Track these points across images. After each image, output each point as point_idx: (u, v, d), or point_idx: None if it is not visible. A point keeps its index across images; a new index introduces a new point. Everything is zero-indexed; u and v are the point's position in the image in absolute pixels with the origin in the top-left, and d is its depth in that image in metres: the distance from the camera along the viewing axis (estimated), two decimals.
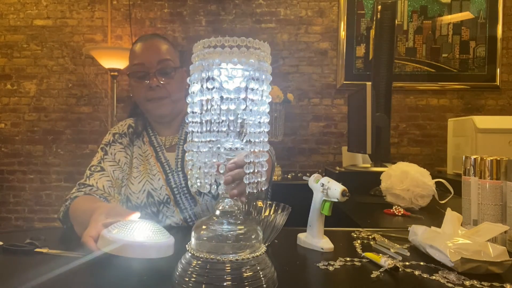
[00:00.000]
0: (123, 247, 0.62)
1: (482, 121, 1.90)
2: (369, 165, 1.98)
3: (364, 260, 0.73)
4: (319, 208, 0.80)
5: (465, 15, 3.06)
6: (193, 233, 0.62)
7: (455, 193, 1.28)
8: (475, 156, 0.89)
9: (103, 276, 0.65)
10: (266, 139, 0.61)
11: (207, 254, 0.59)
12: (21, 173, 3.23)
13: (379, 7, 1.94)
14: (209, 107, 0.59)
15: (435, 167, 2.63)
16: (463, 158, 0.92)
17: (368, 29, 3.09)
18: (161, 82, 1.11)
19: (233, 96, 0.59)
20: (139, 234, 0.64)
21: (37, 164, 3.22)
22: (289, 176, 2.68)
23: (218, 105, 0.59)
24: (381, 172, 1.43)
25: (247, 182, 0.59)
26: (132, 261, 0.64)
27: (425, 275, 0.66)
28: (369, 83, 1.89)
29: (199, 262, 0.60)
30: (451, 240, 0.71)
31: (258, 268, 0.61)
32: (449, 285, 0.61)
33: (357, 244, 0.84)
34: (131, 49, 1.17)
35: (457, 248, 0.68)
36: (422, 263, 0.72)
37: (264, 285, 0.60)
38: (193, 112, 0.60)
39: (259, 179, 0.60)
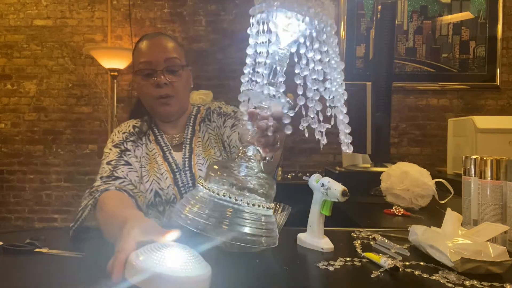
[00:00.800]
0: (150, 278, 0.50)
1: (482, 121, 1.90)
2: (369, 165, 1.98)
3: (364, 260, 0.73)
4: (319, 208, 0.80)
5: (465, 15, 3.06)
6: (208, 169, 0.64)
7: (455, 193, 1.28)
8: (475, 156, 0.89)
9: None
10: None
11: (216, 190, 0.60)
12: (21, 173, 3.23)
13: (379, 7, 1.94)
14: (259, 51, 0.61)
15: (435, 167, 2.63)
16: (463, 158, 0.92)
17: (368, 29, 3.09)
18: (168, 80, 1.11)
19: (285, 47, 0.62)
20: (172, 263, 0.52)
21: (37, 164, 3.22)
22: (289, 176, 2.68)
23: (268, 50, 0.62)
24: (381, 172, 1.43)
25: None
26: None
27: (425, 275, 0.65)
28: (369, 83, 1.89)
29: (205, 196, 0.61)
30: (451, 240, 0.71)
31: (260, 219, 0.61)
32: (449, 285, 0.61)
33: (357, 244, 0.83)
34: (136, 47, 1.15)
35: (457, 248, 0.67)
36: (422, 263, 0.72)
37: (263, 239, 0.60)
38: (248, 54, 0.63)
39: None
